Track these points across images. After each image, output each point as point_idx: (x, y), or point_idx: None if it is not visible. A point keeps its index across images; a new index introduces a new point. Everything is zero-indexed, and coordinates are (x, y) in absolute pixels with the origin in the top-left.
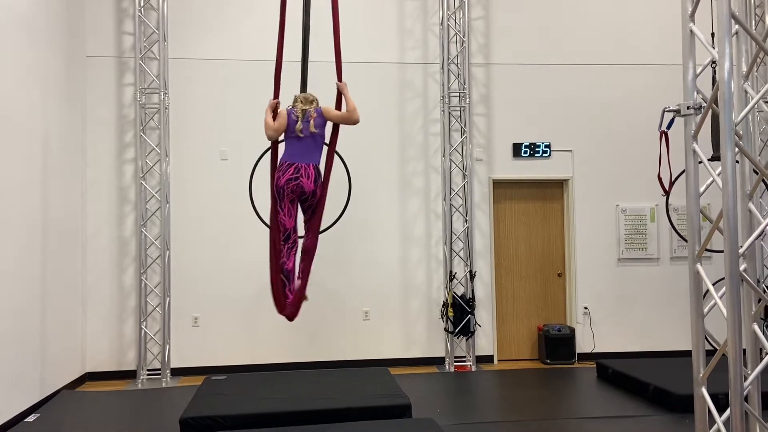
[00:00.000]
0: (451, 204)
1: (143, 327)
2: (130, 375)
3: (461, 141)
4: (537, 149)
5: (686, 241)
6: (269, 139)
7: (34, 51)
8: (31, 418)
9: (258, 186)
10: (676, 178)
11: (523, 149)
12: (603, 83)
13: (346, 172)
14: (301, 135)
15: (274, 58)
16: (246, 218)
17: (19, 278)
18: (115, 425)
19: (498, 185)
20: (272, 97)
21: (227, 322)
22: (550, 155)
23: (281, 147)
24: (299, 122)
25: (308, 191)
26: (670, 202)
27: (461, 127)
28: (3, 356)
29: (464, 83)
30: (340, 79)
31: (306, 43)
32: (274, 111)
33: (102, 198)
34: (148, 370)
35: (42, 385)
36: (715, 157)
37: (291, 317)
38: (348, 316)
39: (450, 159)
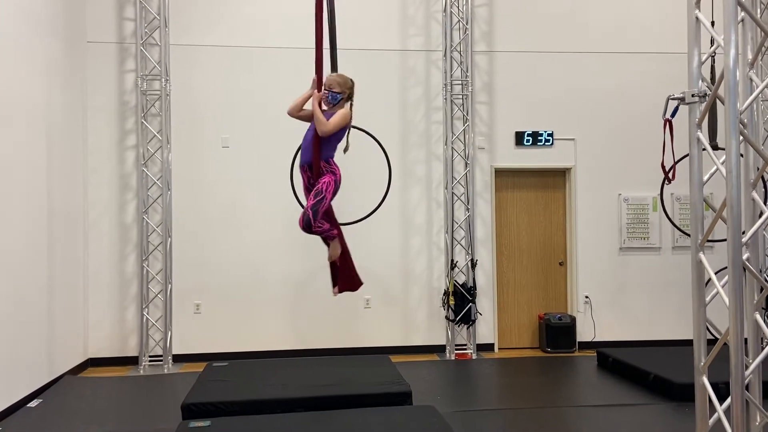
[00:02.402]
0: (452, 192)
1: (145, 313)
2: (132, 361)
3: (463, 129)
4: (539, 138)
5: (680, 229)
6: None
7: (35, 37)
8: (33, 404)
9: (263, 176)
10: (679, 160)
11: (526, 138)
12: (606, 72)
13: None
14: None
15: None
16: (248, 205)
17: (22, 265)
18: (117, 411)
19: (500, 174)
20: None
21: (229, 309)
22: (552, 144)
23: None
24: None
25: None
26: (672, 191)
27: (463, 115)
28: (6, 342)
29: (467, 71)
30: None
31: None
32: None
33: (103, 185)
34: (150, 356)
35: (45, 370)
36: (712, 146)
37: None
38: (349, 304)
39: (452, 147)
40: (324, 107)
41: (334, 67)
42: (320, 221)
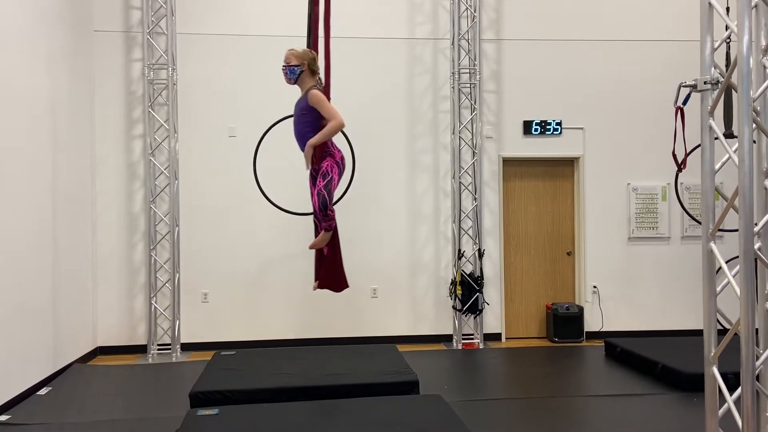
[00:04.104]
0: (460, 182)
1: (153, 302)
2: (141, 349)
3: (471, 118)
4: (548, 127)
5: (694, 219)
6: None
7: (40, 26)
8: (43, 391)
9: (261, 163)
10: (691, 151)
11: (534, 127)
12: (615, 60)
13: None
14: None
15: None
16: (254, 195)
17: (31, 254)
18: (126, 399)
19: (508, 163)
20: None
21: (237, 298)
22: (561, 133)
23: None
24: None
25: None
26: (682, 181)
27: (471, 104)
28: (16, 330)
29: (474, 59)
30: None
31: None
32: None
33: (111, 174)
34: (159, 344)
35: (54, 358)
36: (727, 134)
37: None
38: (356, 294)
39: (459, 136)
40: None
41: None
42: (331, 207)
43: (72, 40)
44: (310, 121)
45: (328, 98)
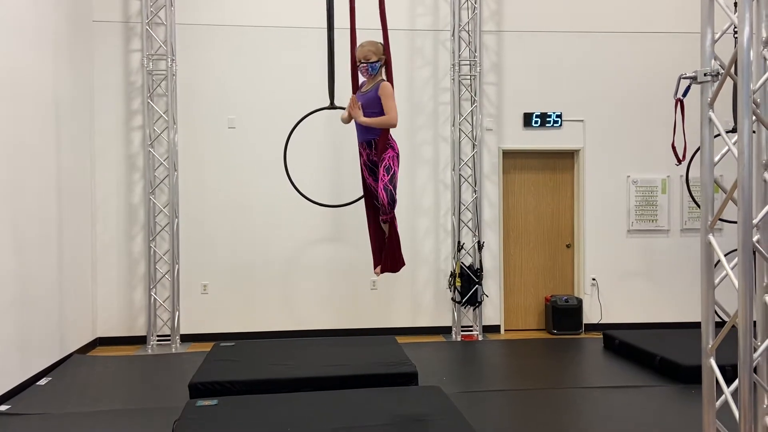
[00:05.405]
0: (460, 174)
1: (153, 294)
2: (141, 340)
3: (471, 110)
4: (548, 119)
5: None
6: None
7: (40, 16)
8: (42, 382)
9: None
10: (693, 155)
11: (534, 119)
12: (616, 52)
13: None
14: None
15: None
16: (254, 186)
17: (32, 244)
18: (126, 389)
19: (508, 155)
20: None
21: (236, 290)
22: (561, 125)
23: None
24: None
25: None
26: (681, 173)
27: (471, 96)
28: (16, 321)
29: (475, 51)
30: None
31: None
32: None
33: (110, 165)
34: (158, 335)
35: (54, 349)
36: (735, 129)
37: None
38: (356, 285)
39: (459, 128)
40: (364, 79)
41: (331, 56)
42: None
43: (71, 30)
44: (378, 111)
45: (392, 87)
